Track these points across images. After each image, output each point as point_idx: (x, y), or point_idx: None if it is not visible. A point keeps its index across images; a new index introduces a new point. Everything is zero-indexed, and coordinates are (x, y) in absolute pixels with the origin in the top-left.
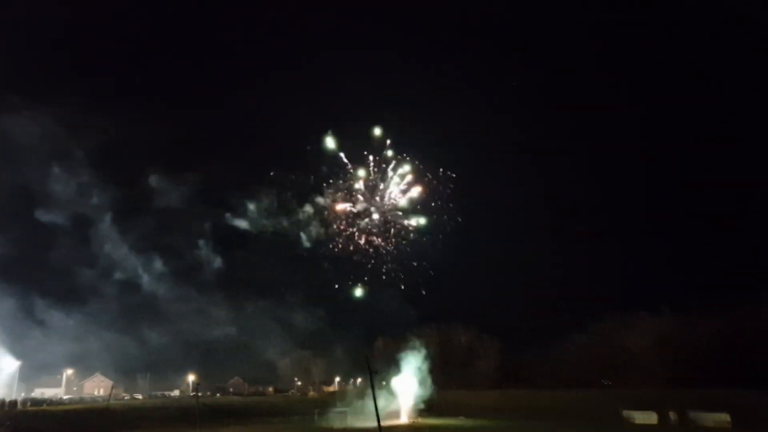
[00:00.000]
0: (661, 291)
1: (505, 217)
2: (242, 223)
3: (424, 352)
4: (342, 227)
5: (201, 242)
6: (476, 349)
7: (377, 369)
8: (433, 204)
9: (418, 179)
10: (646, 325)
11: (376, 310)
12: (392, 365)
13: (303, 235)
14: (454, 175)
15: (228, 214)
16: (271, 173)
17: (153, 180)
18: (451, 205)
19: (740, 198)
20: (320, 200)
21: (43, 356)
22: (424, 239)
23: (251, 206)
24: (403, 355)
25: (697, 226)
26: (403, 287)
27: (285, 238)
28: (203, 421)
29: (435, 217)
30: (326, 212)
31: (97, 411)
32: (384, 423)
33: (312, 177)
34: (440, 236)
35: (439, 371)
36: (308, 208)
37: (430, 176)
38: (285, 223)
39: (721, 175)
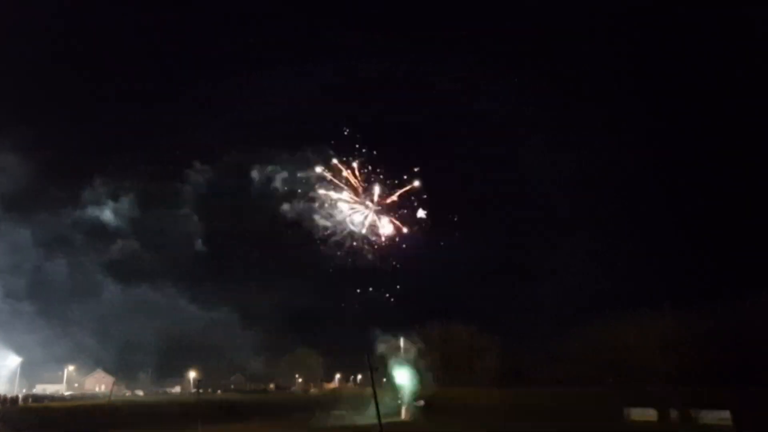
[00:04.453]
0: (663, 288)
1: (505, 215)
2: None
3: (420, 345)
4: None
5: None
6: (477, 348)
7: (377, 366)
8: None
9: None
10: (649, 323)
11: (375, 308)
12: (391, 362)
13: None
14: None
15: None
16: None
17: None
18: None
19: (745, 194)
20: None
21: (44, 352)
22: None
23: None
24: (400, 351)
25: (701, 222)
26: (398, 287)
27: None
28: (204, 418)
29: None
30: None
31: (98, 407)
32: (384, 420)
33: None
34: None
35: (439, 369)
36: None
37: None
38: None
39: (725, 170)
